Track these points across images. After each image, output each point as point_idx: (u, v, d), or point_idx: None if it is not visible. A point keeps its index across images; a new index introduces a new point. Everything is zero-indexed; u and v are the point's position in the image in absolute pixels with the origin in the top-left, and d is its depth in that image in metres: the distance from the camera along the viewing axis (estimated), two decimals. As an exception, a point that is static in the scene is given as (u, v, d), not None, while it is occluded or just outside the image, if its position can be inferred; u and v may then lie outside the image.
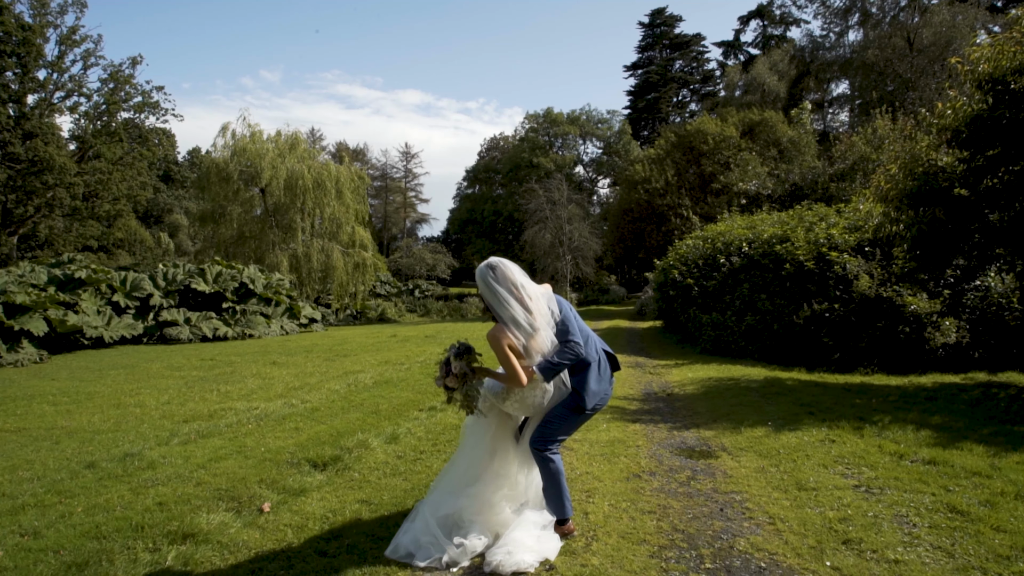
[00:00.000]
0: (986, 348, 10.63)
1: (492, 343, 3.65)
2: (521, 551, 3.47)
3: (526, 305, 3.65)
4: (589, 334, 3.89)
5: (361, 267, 26.19)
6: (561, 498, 3.78)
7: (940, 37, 28.80)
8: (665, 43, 61.57)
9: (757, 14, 52.72)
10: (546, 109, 57.23)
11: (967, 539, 3.56)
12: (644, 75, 61.20)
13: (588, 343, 3.80)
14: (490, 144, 64.25)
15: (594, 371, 3.79)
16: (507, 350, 3.60)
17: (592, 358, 3.80)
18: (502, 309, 3.64)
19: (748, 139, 26.24)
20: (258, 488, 4.88)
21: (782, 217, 14.48)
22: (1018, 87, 7.94)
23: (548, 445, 3.80)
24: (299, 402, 8.52)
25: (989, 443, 5.61)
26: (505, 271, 3.69)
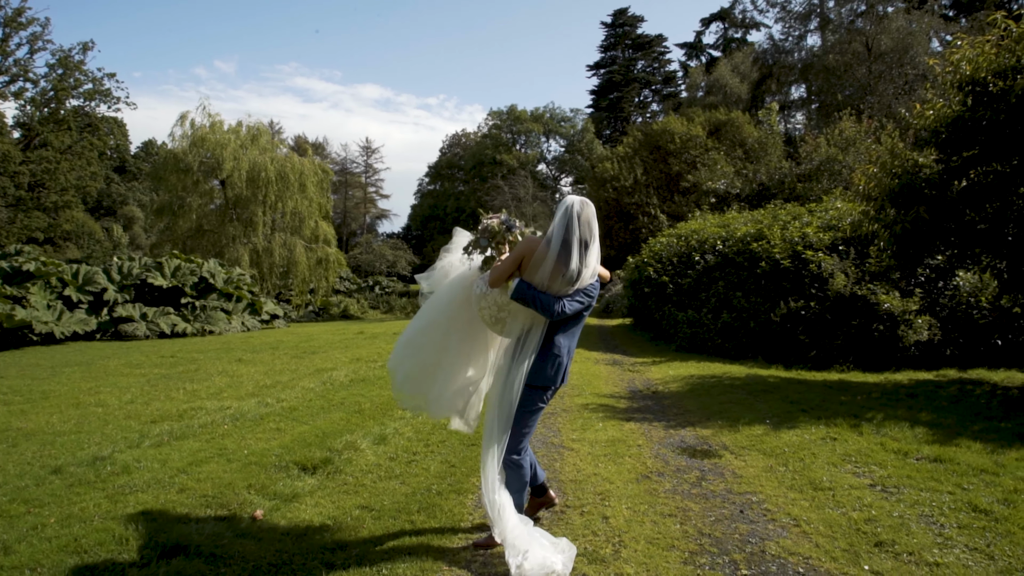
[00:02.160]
0: (956, 346, 10.85)
1: (521, 242, 3.69)
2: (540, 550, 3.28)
3: (580, 260, 3.55)
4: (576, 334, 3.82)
5: (324, 263, 25.59)
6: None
7: (898, 44, 29.57)
8: (628, 43, 62.07)
9: (719, 17, 53.48)
10: (510, 106, 57.25)
11: (1000, 540, 3.49)
12: (607, 75, 61.58)
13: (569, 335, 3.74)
14: (452, 140, 63.86)
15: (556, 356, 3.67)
16: (519, 255, 3.60)
17: (562, 347, 3.69)
18: (560, 239, 3.54)
19: (714, 139, 26.53)
20: (247, 494, 4.57)
21: (755, 215, 14.58)
22: (996, 89, 8.04)
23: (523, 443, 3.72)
24: (274, 401, 8.15)
25: (983, 440, 5.64)
26: (592, 225, 3.61)
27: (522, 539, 3.32)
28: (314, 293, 25.87)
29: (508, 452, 3.65)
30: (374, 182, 71.93)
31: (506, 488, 3.62)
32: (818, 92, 37.16)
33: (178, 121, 25.17)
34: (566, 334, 3.71)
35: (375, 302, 37.36)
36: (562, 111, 58.85)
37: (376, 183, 72.17)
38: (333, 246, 26.86)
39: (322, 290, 26.23)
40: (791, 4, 43.24)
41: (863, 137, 18.11)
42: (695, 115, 28.33)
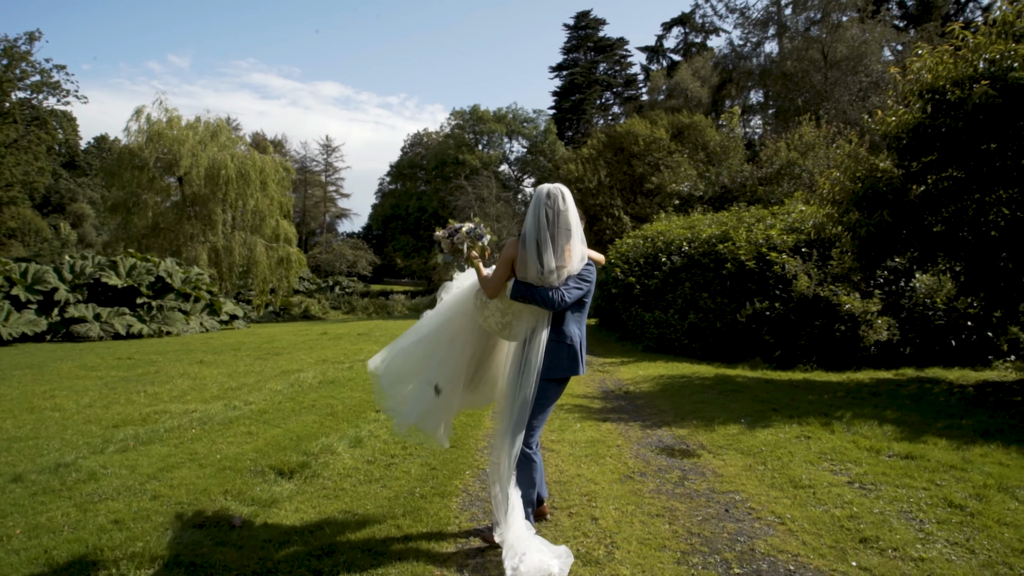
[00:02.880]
0: (913, 346, 11.19)
1: (507, 245, 3.68)
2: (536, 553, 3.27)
3: (559, 254, 3.58)
4: (582, 321, 3.83)
5: (285, 262, 25.10)
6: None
7: (853, 52, 30.43)
8: (590, 45, 62.46)
9: (679, 21, 54.21)
10: (473, 106, 56.96)
11: (978, 534, 3.60)
12: (569, 76, 61.84)
13: (575, 322, 3.76)
14: (414, 140, 63.32)
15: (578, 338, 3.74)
16: (508, 258, 3.63)
17: (574, 335, 3.72)
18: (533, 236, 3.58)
19: (677, 142, 26.89)
20: (224, 500, 4.44)
21: (720, 218, 14.81)
22: (954, 98, 8.31)
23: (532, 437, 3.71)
24: (241, 404, 7.96)
25: (948, 436, 5.81)
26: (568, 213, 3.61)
27: (522, 541, 3.29)
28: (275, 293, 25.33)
29: (525, 446, 3.66)
30: (334, 181, 71.02)
31: (517, 485, 3.60)
32: (775, 97, 37.99)
33: (133, 116, 24.42)
34: (574, 322, 3.74)
35: (336, 302, 36.82)
36: (525, 112, 58.88)
37: (336, 182, 71.29)
38: (294, 245, 26.36)
39: (283, 290, 25.71)
40: (749, 11, 44.12)
41: (822, 142, 18.57)
42: (658, 118, 28.67)
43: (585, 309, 3.82)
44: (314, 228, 66.80)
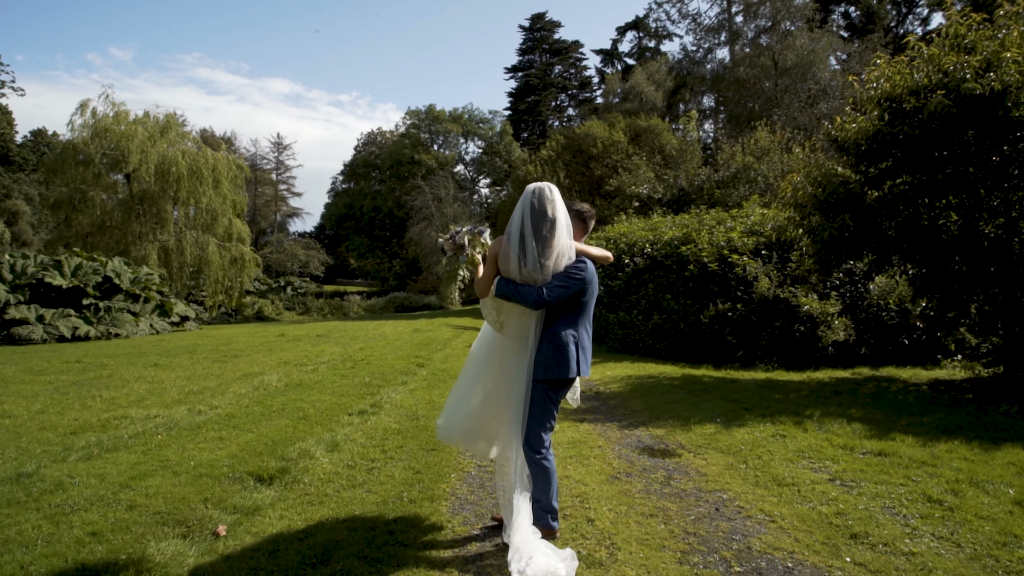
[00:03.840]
0: (868, 345, 11.58)
1: (492, 244, 3.78)
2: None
3: (542, 251, 3.60)
4: (581, 322, 3.80)
5: (239, 262, 24.43)
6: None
7: (802, 60, 31.38)
8: (545, 48, 62.82)
9: (634, 26, 54.96)
10: (428, 106, 56.74)
11: (961, 528, 3.73)
12: (524, 78, 62.09)
13: (569, 323, 3.73)
14: (367, 139, 62.64)
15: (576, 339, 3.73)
16: (493, 256, 3.72)
17: (566, 336, 3.69)
18: (515, 232, 3.64)
19: (634, 145, 27.24)
20: (204, 508, 4.29)
21: (682, 220, 15.05)
22: (910, 107, 8.64)
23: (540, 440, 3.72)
24: (207, 408, 7.71)
25: (913, 433, 6.02)
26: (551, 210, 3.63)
27: (528, 544, 3.27)
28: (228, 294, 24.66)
29: (528, 449, 3.66)
30: (286, 179, 69.62)
31: (532, 490, 3.60)
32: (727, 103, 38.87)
33: (78, 110, 23.35)
34: (567, 323, 3.70)
35: (290, 303, 36.08)
36: (481, 112, 58.93)
37: (288, 180, 69.90)
38: (248, 245, 25.70)
39: (236, 291, 25.04)
40: (701, 17, 45.15)
41: (777, 148, 19.07)
42: (616, 120, 29.00)
43: (584, 309, 3.78)
44: (264, 227, 65.32)
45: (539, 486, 3.66)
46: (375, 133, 62.37)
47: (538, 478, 3.67)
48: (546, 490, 3.68)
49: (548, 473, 3.69)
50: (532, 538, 3.35)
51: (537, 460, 3.67)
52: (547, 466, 3.69)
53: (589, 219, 4.03)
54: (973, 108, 7.97)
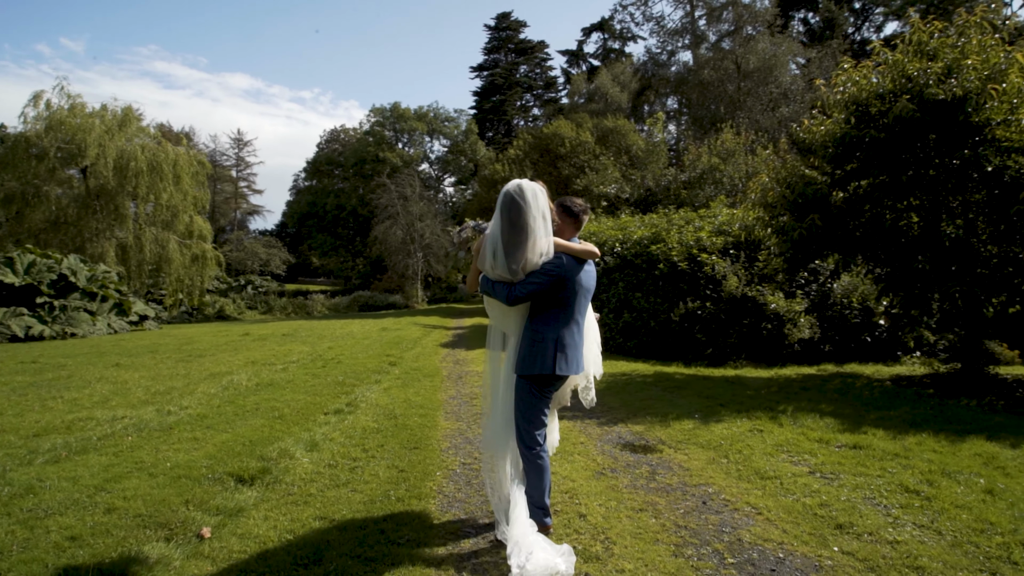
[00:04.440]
0: (832, 343, 11.87)
1: (478, 241, 3.85)
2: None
3: (514, 249, 3.60)
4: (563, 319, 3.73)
5: (201, 260, 23.84)
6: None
7: (764, 64, 32.05)
8: (510, 47, 62.90)
9: (599, 27, 55.33)
10: (393, 103, 56.29)
11: (940, 517, 3.86)
12: (490, 77, 62.07)
13: (549, 320, 3.69)
14: (330, 136, 61.81)
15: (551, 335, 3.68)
16: (476, 254, 3.82)
17: (546, 332, 3.67)
18: (491, 230, 3.72)
19: (601, 145, 27.44)
20: (186, 510, 4.18)
21: (651, 219, 15.20)
22: (875, 111, 8.89)
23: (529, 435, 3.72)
24: (176, 408, 7.53)
25: (883, 427, 6.20)
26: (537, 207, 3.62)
27: (527, 539, 3.27)
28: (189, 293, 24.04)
29: (520, 445, 3.69)
30: (246, 176, 68.33)
31: (524, 484, 3.61)
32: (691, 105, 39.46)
33: (31, 101, 22.49)
34: (547, 320, 3.69)
35: (252, 302, 35.40)
36: (446, 111, 58.66)
37: (248, 177, 68.62)
38: (209, 242, 25.10)
39: (197, 289, 24.44)
40: (665, 20, 45.79)
41: (742, 149, 19.41)
42: (583, 120, 29.18)
43: (565, 306, 3.71)
44: (224, 225, 63.97)
45: (531, 481, 3.68)
46: (338, 130, 61.58)
47: (530, 473, 3.69)
48: (538, 486, 3.69)
49: (540, 470, 3.70)
50: (530, 532, 3.36)
51: (530, 456, 3.68)
52: (539, 463, 3.70)
53: (581, 214, 3.92)
54: (936, 113, 8.24)
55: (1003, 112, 8.20)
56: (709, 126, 31.19)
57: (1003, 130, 8.23)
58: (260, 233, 67.34)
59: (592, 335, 4.10)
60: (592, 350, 4.09)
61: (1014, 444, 5.55)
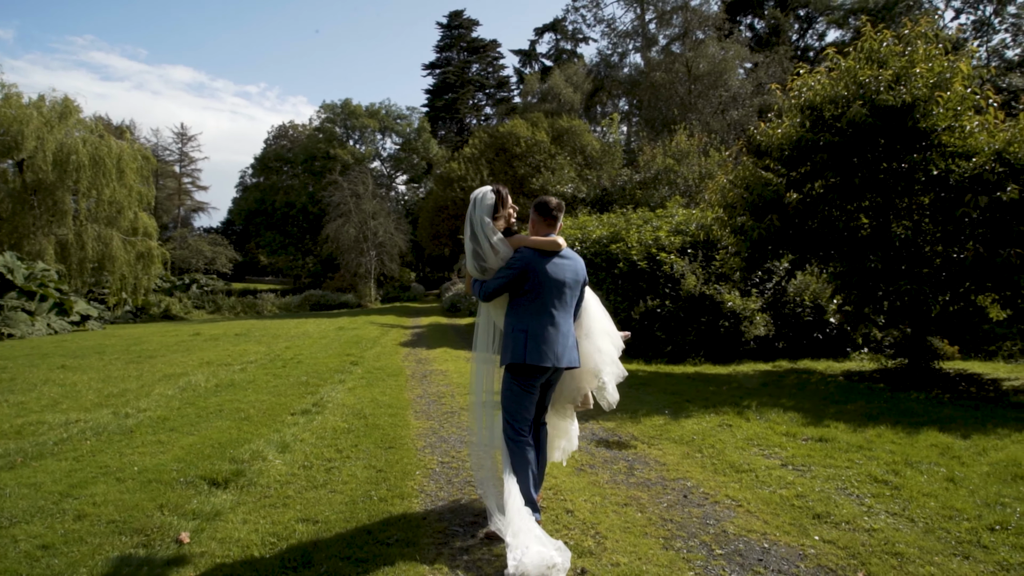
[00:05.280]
0: (786, 340, 12.25)
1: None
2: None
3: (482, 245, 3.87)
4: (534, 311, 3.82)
5: (146, 257, 22.97)
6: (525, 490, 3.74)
7: (713, 68, 32.80)
8: (463, 46, 62.74)
9: (551, 28, 55.64)
10: (344, 100, 55.46)
11: (911, 505, 4.03)
12: (442, 75, 61.82)
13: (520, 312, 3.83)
14: (279, 132, 60.41)
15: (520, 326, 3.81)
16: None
17: (517, 324, 3.80)
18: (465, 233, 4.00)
19: (556, 145, 27.63)
20: (161, 515, 4.05)
21: (610, 219, 15.38)
22: (829, 115, 9.21)
23: (511, 425, 3.83)
24: (134, 411, 7.27)
25: (843, 420, 6.44)
26: (480, 211, 3.89)
27: (523, 535, 3.28)
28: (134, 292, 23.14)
29: (504, 435, 3.82)
30: (190, 172, 66.25)
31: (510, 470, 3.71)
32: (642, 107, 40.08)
33: (-39, 91, 21.33)
34: (519, 313, 3.83)
35: (199, 301, 34.36)
36: (398, 108, 58.11)
37: (192, 173, 66.56)
38: (155, 240, 24.22)
39: (143, 288, 23.55)
40: (616, 23, 46.32)
41: (696, 151, 19.82)
42: (538, 120, 29.32)
43: (532, 298, 3.81)
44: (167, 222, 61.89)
45: (515, 471, 3.72)
46: (287, 126, 60.25)
47: (514, 464, 3.74)
48: (522, 477, 3.71)
49: (524, 462, 3.74)
50: (527, 518, 3.40)
51: (512, 447, 3.76)
52: (519, 451, 3.75)
53: (554, 211, 4.01)
54: (887, 118, 8.58)
55: (948, 119, 8.60)
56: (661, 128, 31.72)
57: (948, 136, 8.64)
58: (205, 230, 65.56)
59: (597, 332, 4.17)
60: (600, 347, 4.14)
61: (965, 435, 5.83)
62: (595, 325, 4.17)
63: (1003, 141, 8.24)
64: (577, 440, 4.38)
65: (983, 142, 8.40)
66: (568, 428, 4.28)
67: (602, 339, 4.17)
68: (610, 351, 4.21)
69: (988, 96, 8.91)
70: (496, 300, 3.97)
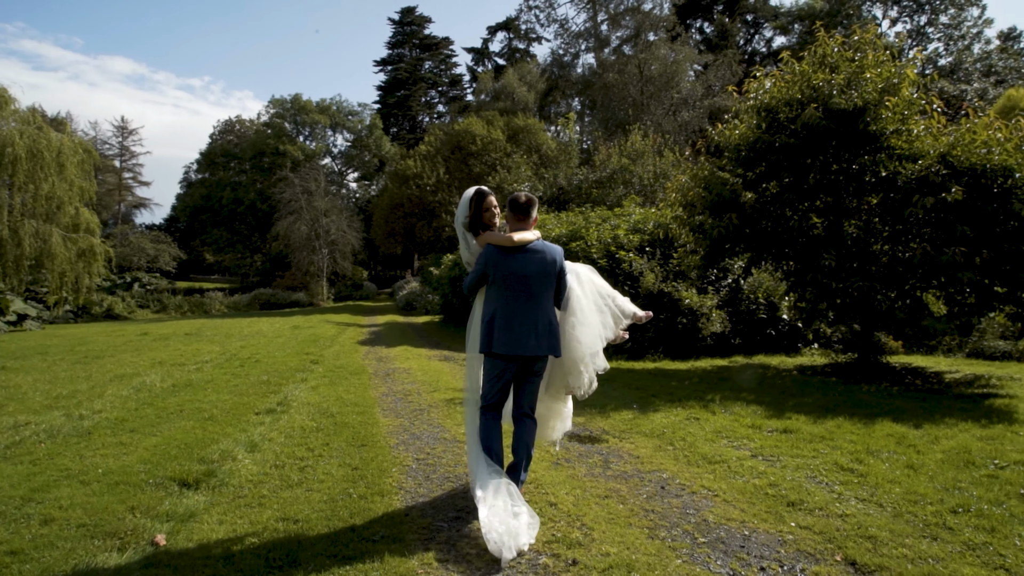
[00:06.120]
0: (742, 336, 12.57)
1: None
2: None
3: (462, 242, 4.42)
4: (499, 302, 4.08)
5: (88, 255, 22.02)
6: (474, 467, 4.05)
7: (665, 70, 33.39)
8: (415, 42, 62.30)
9: (504, 26, 55.78)
10: (294, 95, 54.32)
11: (877, 491, 4.20)
12: (394, 72, 61.25)
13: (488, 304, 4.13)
14: (225, 127, 58.84)
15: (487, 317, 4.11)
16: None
17: (485, 313, 4.13)
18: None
19: (512, 143, 27.69)
20: (133, 518, 3.93)
21: (568, 217, 15.51)
22: (784, 117, 9.50)
23: (481, 401, 4.22)
24: (88, 412, 7.02)
25: (803, 412, 6.65)
26: (460, 211, 4.37)
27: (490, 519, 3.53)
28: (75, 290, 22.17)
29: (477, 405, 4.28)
30: (131, 167, 63.89)
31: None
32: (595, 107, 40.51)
33: None
34: (487, 304, 4.14)
35: (144, 301, 33.21)
36: (350, 105, 57.20)
37: (134, 168, 64.19)
38: (98, 236, 23.25)
39: (84, 287, 22.59)
40: (569, 23, 46.69)
41: (651, 151, 20.15)
42: (494, 118, 29.33)
43: (495, 291, 4.09)
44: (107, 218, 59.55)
45: (469, 434, 4.25)
46: (233, 121, 58.73)
47: (470, 429, 4.26)
48: (485, 443, 4.07)
49: (486, 430, 4.11)
50: (492, 500, 3.67)
51: (480, 418, 4.17)
52: (483, 424, 4.13)
53: (525, 206, 4.22)
54: (840, 121, 8.89)
55: (896, 122, 8.97)
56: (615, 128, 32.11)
57: (896, 139, 9.01)
58: (147, 227, 63.31)
59: (581, 323, 4.25)
60: (580, 339, 4.22)
61: (916, 425, 6.09)
62: (579, 317, 4.23)
63: (947, 144, 8.62)
64: (571, 421, 4.65)
65: (928, 145, 8.78)
66: (562, 410, 4.50)
67: (584, 330, 4.24)
68: (591, 343, 4.29)
69: (933, 101, 9.33)
70: (478, 295, 4.27)
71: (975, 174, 8.21)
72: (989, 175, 8.16)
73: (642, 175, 19.59)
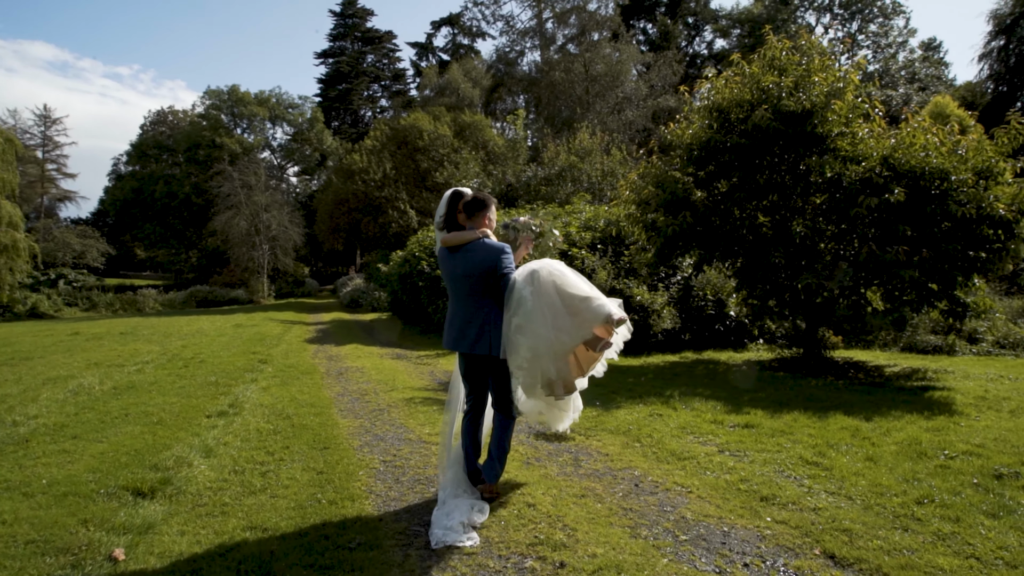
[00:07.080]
0: (691, 332, 12.81)
1: None
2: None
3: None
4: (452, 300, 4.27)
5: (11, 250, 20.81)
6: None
7: (610, 69, 33.78)
8: (357, 35, 61.12)
9: (448, 22, 55.26)
10: (231, 86, 52.53)
11: (845, 484, 4.31)
12: (335, 64, 59.96)
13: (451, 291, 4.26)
14: (156, 118, 56.35)
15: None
16: None
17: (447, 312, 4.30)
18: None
19: (459, 139, 27.51)
20: (86, 531, 3.69)
21: (519, 214, 15.50)
22: (735, 118, 9.71)
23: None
24: (23, 418, 6.60)
25: (760, 407, 6.79)
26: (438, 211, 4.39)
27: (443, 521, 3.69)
28: (-3, 287, 20.91)
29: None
30: (55, 158, 60.55)
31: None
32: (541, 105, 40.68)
33: None
34: (450, 301, 4.31)
35: (71, 298, 31.58)
36: (290, 97, 55.66)
37: (58, 159, 60.86)
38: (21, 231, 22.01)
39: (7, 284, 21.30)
40: (514, 20, 46.74)
41: (598, 149, 20.33)
42: (441, 114, 29.08)
43: (449, 288, 4.25)
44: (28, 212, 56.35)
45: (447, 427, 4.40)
46: (166, 111, 56.32)
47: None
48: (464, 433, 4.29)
49: (464, 427, 4.32)
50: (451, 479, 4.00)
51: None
52: (463, 418, 4.35)
53: (473, 205, 4.18)
54: (789, 123, 9.13)
55: (840, 125, 9.28)
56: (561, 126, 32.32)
57: (841, 141, 9.31)
58: (73, 222, 60.14)
59: (517, 324, 3.93)
60: (522, 340, 3.90)
61: (867, 418, 6.30)
62: (521, 318, 3.92)
63: (889, 147, 8.96)
64: (578, 414, 4.75)
65: (872, 148, 9.10)
66: (556, 403, 4.46)
67: (528, 331, 3.88)
68: (535, 345, 3.89)
69: (875, 105, 9.69)
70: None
71: (915, 176, 8.55)
72: (927, 178, 8.51)
73: (591, 173, 19.75)
